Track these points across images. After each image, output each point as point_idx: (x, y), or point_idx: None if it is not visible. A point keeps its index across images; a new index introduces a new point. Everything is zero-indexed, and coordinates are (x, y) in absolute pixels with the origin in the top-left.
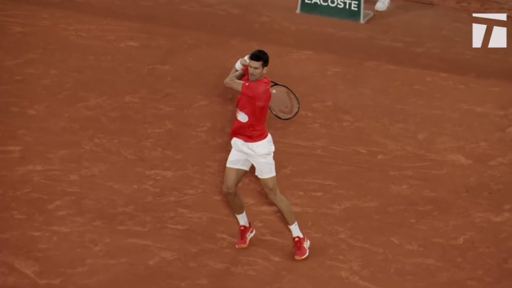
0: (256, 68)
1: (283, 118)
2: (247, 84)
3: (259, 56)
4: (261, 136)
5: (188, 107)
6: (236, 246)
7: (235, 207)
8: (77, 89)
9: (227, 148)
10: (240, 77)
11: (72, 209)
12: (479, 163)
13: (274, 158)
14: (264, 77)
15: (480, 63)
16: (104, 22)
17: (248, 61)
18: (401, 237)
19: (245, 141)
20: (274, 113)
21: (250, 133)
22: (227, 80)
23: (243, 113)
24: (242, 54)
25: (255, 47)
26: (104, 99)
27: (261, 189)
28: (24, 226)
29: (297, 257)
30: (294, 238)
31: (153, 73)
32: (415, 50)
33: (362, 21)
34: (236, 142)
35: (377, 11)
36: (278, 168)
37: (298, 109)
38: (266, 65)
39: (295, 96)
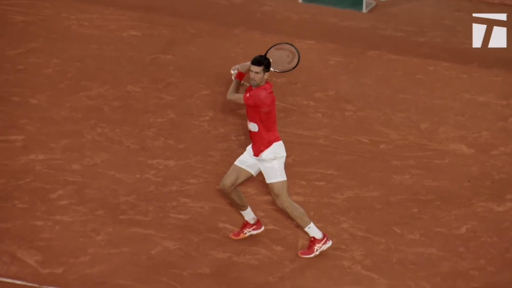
0: (257, 73)
1: (294, 66)
2: (247, 95)
3: (260, 61)
4: (271, 142)
5: (190, 97)
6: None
7: (234, 204)
8: (79, 79)
9: (229, 138)
10: (237, 85)
11: (74, 198)
12: (481, 153)
13: None
14: (266, 82)
15: (482, 52)
16: (106, 12)
17: (235, 71)
18: (403, 227)
19: (255, 154)
20: (286, 71)
21: (265, 142)
22: (228, 96)
23: (252, 123)
24: (244, 44)
25: (257, 36)
26: (106, 89)
27: (263, 179)
28: (26, 215)
29: (299, 253)
30: (310, 238)
31: (155, 63)
32: (417, 39)
33: (364, 10)
34: (249, 147)
35: (380, 0)
36: None
37: (295, 47)
38: (268, 70)
39: (283, 43)
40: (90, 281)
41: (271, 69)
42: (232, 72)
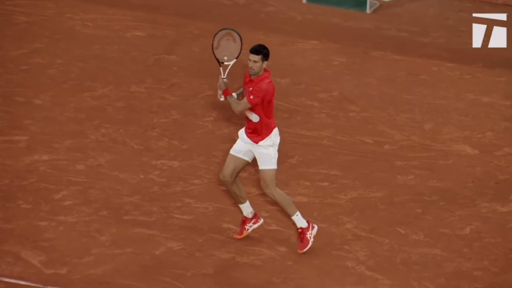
0: (255, 61)
1: (241, 41)
2: (251, 97)
3: (259, 50)
4: (271, 130)
5: (194, 97)
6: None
7: (234, 196)
8: (82, 79)
9: (233, 138)
10: (233, 99)
11: (78, 199)
12: (485, 153)
13: (280, 148)
14: (265, 70)
15: (486, 53)
16: (109, 12)
17: (222, 96)
18: (407, 227)
19: (254, 141)
20: (241, 50)
21: (265, 131)
22: (236, 110)
23: (254, 114)
24: (248, 44)
25: (261, 36)
26: (110, 89)
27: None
28: (30, 215)
29: (299, 251)
30: (297, 229)
31: (159, 63)
32: (421, 40)
33: (368, 11)
34: (242, 132)
35: (383, 1)
36: (284, 158)
37: (224, 28)
38: (266, 59)
39: (213, 40)
40: (94, 281)
41: (230, 62)
42: (221, 99)
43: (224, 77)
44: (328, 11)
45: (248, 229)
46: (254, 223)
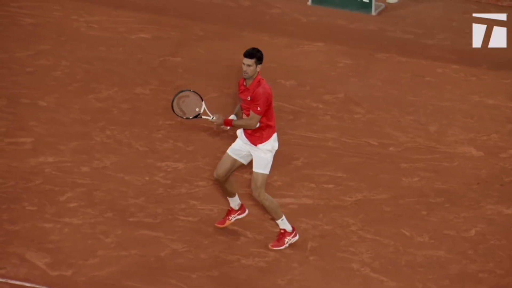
0: (249, 65)
1: (200, 97)
2: (258, 108)
3: (253, 54)
4: (271, 133)
5: None
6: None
7: (225, 191)
8: (88, 81)
9: None
10: (239, 120)
11: (83, 200)
12: (490, 155)
13: (285, 150)
14: (258, 73)
15: (490, 54)
16: (115, 14)
17: (225, 127)
18: (412, 229)
19: (253, 143)
20: (204, 105)
21: (265, 134)
22: (252, 126)
23: None
24: (252, 46)
25: (266, 38)
26: (115, 91)
27: (274, 181)
28: (35, 217)
29: (269, 246)
30: (280, 230)
31: (164, 65)
32: (426, 41)
33: (373, 13)
34: (241, 132)
35: (388, 3)
36: (289, 160)
37: (181, 91)
38: (260, 63)
39: (173, 108)
40: (99, 283)
41: (203, 107)
42: (227, 128)
43: (212, 117)
44: (333, 13)
45: (231, 219)
46: (239, 214)
